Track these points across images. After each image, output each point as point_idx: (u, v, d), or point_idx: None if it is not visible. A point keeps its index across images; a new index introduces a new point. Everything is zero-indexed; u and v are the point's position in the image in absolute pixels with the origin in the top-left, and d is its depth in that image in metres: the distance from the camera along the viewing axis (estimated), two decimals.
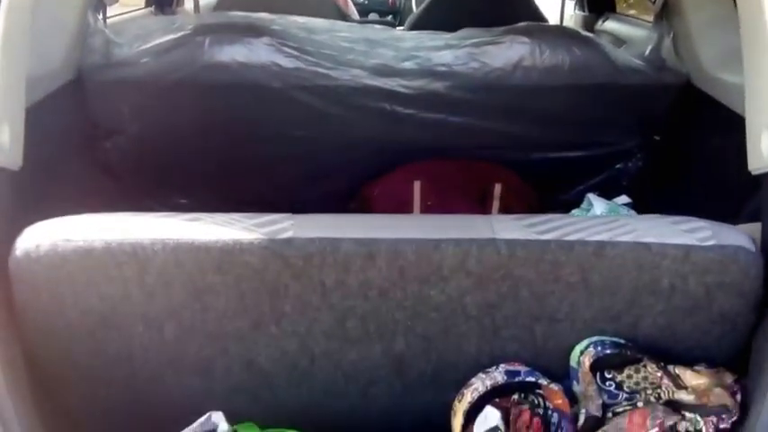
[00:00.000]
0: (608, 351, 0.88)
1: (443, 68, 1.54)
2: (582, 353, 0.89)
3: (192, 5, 2.32)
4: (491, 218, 0.93)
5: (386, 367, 0.92)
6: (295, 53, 1.51)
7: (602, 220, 0.92)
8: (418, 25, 2.30)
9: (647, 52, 1.58)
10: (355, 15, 2.76)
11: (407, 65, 1.55)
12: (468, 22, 1.84)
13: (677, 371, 0.88)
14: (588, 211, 1.50)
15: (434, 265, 0.87)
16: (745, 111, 0.92)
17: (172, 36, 1.51)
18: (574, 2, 2.69)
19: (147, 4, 2.34)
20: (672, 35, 1.57)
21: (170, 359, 0.91)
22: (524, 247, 0.87)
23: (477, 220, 0.93)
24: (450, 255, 0.87)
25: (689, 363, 0.89)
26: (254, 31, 1.52)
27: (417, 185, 1.58)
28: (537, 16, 2.27)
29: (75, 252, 0.84)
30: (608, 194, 1.66)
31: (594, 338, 0.90)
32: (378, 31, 1.66)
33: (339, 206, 1.70)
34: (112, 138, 1.54)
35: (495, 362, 0.91)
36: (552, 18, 2.38)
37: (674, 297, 0.88)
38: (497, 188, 1.61)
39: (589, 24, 2.53)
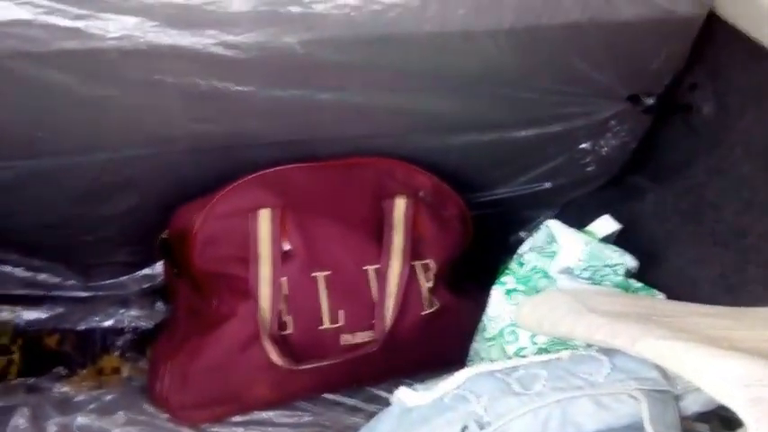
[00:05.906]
0: None
1: (298, 9, 0.83)
2: None
3: None
4: None
5: None
6: None
7: None
8: None
9: None
10: None
11: (236, 6, 0.82)
12: None
13: None
14: (553, 254, 0.88)
15: None
16: None
17: None
18: None
19: None
20: None
21: None
22: None
23: None
24: None
25: None
26: None
27: (266, 216, 0.91)
28: None
29: None
30: (575, 200, 1.08)
31: None
32: None
33: (138, 248, 1.04)
34: None
35: None
36: None
37: None
38: (400, 205, 0.97)
39: None
